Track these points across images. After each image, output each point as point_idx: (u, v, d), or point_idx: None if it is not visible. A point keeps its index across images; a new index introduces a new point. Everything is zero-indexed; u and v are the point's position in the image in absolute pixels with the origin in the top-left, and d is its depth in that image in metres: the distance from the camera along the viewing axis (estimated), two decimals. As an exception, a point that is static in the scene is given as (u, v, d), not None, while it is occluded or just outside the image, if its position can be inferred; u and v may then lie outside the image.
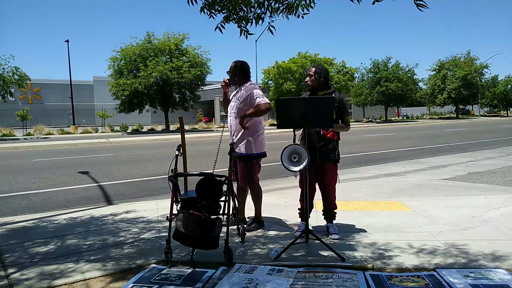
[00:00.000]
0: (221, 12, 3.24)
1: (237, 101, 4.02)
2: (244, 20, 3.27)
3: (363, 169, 8.65)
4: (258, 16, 3.27)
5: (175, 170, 3.30)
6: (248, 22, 3.30)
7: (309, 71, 3.91)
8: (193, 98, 31.47)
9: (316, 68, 3.90)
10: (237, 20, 3.29)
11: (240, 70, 4.03)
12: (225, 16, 3.26)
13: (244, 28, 3.31)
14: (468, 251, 3.32)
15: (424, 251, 3.34)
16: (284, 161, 3.27)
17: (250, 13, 3.26)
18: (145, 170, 9.15)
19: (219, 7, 3.18)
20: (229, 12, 3.22)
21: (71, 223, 4.57)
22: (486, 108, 66.53)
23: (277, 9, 3.21)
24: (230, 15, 3.25)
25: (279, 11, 3.21)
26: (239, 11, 3.23)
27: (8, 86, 26.64)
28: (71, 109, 33.10)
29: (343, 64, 39.78)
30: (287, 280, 2.77)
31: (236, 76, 4.05)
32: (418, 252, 3.33)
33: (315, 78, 3.84)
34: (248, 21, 3.29)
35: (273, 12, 3.24)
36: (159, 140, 20.04)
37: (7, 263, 3.29)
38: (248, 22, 3.30)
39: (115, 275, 3.01)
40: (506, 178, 7.23)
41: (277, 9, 3.21)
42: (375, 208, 5.05)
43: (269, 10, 3.23)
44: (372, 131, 24.78)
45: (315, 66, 3.95)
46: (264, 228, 4.14)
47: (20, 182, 7.83)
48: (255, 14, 3.27)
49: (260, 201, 4.17)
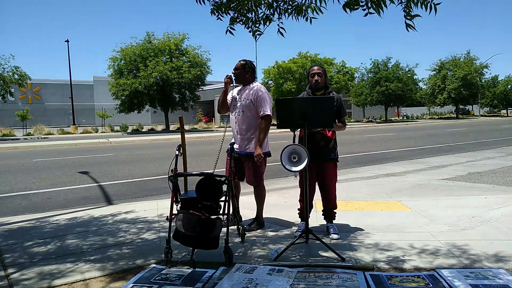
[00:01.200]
0: (228, 14, 3.23)
1: (245, 100, 3.98)
2: (251, 21, 3.26)
3: (363, 169, 8.64)
4: (267, 17, 3.26)
5: (175, 170, 3.30)
6: (256, 23, 3.28)
7: (317, 70, 3.87)
8: (193, 98, 31.47)
9: (323, 68, 3.91)
10: (244, 21, 3.28)
11: (250, 69, 4.03)
12: (231, 17, 3.26)
13: (252, 28, 3.29)
14: (468, 251, 3.31)
15: (424, 251, 3.34)
16: (284, 161, 3.27)
17: (259, 14, 3.25)
18: (145, 170, 9.15)
19: (227, 8, 3.17)
20: (237, 13, 3.22)
21: (71, 223, 4.57)
22: (486, 108, 66.53)
23: (285, 10, 3.19)
24: (238, 16, 3.25)
25: (287, 13, 3.19)
26: (246, 12, 3.22)
27: (8, 86, 26.60)
28: (71, 109, 33.10)
29: (343, 64, 39.79)
30: (287, 280, 2.77)
31: (246, 74, 4.02)
32: (418, 252, 3.33)
33: (323, 78, 3.86)
34: (256, 22, 3.28)
35: (282, 13, 3.22)
36: (159, 140, 20.04)
37: (7, 263, 3.29)
38: (256, 23, 3.28)
39: (115, 275, 3.01)
40: (506, 178, 7.23)
41: (285, 10, 3.19)
42: (375, 208, 5.05)
43: (277, 11, 3.21)
44: (372, 131, 24.77)
45: (320, 66, 3.95)
46: (264, 228, 4.14)
47: (20, 182, 7.83)
48: (264, 15, 3.26)
49: (263, 201, 4.17)
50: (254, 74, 4.08)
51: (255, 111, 3.95)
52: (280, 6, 3.20)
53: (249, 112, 3.96)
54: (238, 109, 4.02)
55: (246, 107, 3.96)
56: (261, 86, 4.03)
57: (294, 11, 3.10)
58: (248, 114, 3.96)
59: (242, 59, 4.07)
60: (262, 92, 3.97)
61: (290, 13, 3.16)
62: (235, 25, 3.31)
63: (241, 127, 4.00)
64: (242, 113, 3.98)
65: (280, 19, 3.24)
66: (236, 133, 4.06)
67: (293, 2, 3.13)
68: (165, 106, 30.66)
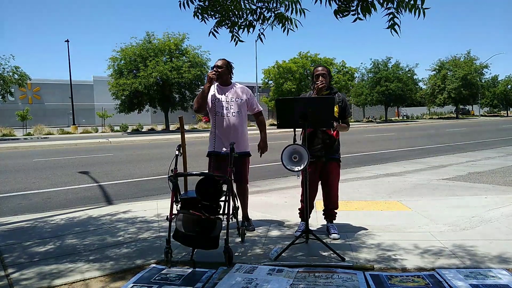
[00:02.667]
0: (214, 17, 3.24)
1: (239, 100, 3.99)
2: (236, 26, 3.27)
3: (363, 169, 8.64)
4: (250, 23, 3.28)
5: (175, 170, 3.30)
6: (240, 28, 3.30)
7: (321, 71, 3.83)
8: (193, 98, 31.43)
9: (327, 68, 3.91)
10: (229, 26, 3.29)
11: (231, 68, 4.08)
12: (217, 21, 3.26)
13: (236, 34, 3.30)
14: (468, 251, 3.31)
15: (424, 251, 3.33)
16: (285, 161, 3.27)
17: (242, 19, 3.26)
18: (145, 170, 9.15)
19: (212, 11, 3.17)
20: (222, 17, 3.22)
21: (71, 223, 4.57)
22: (486, 108, 66.54)
23: (268, 18, 3.22)
24: (223, 20, 3.25)
25: (269, 21, 3.21)
26: (231, 16, 3.23)
27: (8, 86, 26.61)
28: (71, 109, 33.09)
29: (343, 64, 39.81)
30: (287, 280, 2.77)
31: (229, 73, 4.06)
32: (418, 252, 3.33)
33: (328, 79, 3.85)
34: (240, 27, 3.29)
35: (265, 21, 3.25)
36: (159, 140, 20.05)
37: (7, 263, 3.29)
38: (240, 28, 3.30)
39: (115, 275, 3.01)
40: (506, 178, 7.23)
41: (268, 18, 3.22)
42: (375, 208, 5.05)
43: (260, 18, 3.23)
44: (372, 131, 24.77)
45: (324, 66, 3.93)
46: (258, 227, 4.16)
47: (20, 182, 7.83)
48: (247, 22, 3.28)
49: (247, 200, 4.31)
50: (232, 75, 4.15)
51: (246, 110, 4.10)
52: (263, 13, 3.22)
53: (243, 112, 4.03)
54: (230, 109, 3.95)
55: (241, 107, 4.00)
56: (244, 86, 4.16)
57: (276, 19, 3.13)
58: (242, 114, 4.03)
59: (222, 58, 4.05)
60: (250, 91, 4.16)
61: (272, 22, 3.19)
62: (220, 28, 3.31)
63: (236, 127, 3.96)
64: (237, 114, 3.96)
65: (262, 25, 3.27)
66: (228, 133, 3.96)
67: (275, 10, 3.14)
68: (165, 106, 30.67)
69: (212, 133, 4.08)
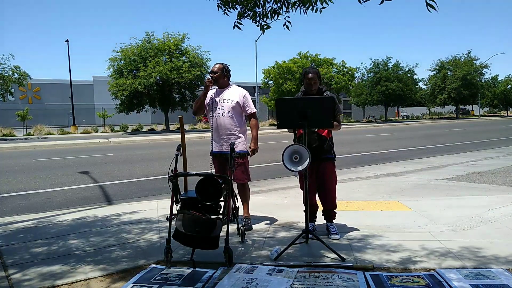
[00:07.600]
0: (235, 8, 3.24)
1: (230, 102, 4.11)
2: (259, 15, 3.27)
3: (363, 169, 8.65)
4: (274, 11, 3.26)
5: (175, 170, 3.30)
6: (264, 17, 3.30)
7: (312, 74, 3.82)
8: (193, 98, 31.41)
9: (318, 72, 3.89)
10: (251, 16, 3.29)
11: (227, 72, 4.21)
12: (239, 12, 3.27)
13: (263, 22, 3.31)
14: (469, 251, 3.31)
15: (424, 251, 3.33)
16: (285, 161, 3.27)
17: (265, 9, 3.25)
18: (145, 170, 9.15)
19: (234, 2, 3.17)
20: (244, 7, 3.22)
21: (71, 223, 4.57)
22: (486, 108, 66.56)
23: (293, 4, 3.18)
24: (245, 11, 3.26)
25: (296, 6, 3.17)
26: (253, 6, 3.23)
27: (8, 86, 26.58)
28: (71, 109, 33.08)
29: (343, 64, 39.80)
30: (287, 280, 2.77)
31: (225, 77, 4.19)
32: (418, 252, 3.33)
33: (318, 82, 3.86)
34: (264, 16, 3.29)
35: (289, 7, 3.22)
36: (159, 140, 20.05)
37: (8, 263, 3.29)
38: (263, 17, 3.30)
39: (115, 275, 3.01)
40: (506, 178, 7.23)
41: (293, 4, 3.18)
42: (375, 208, 5.05)
43: (285, 4, 3.21)
44: (372, 131, 24.77)
45: (315, 70, 3.88)
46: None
47: (20, 182, 7.83)
48: (271, 9, 3.26)
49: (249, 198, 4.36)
50: (229, 77, 4.27)
51: (240, 111, 4.16)
52: (287, 0, 3.20)
53: (233, 113, 4.12)
54: (220, 110, 4.12)
55: (232, 108, 4.11)
56: (241, 88, 4.25)
57: (302, 4, 3.10)
58: (232, 115, 4.11)
59: (218, 62, 4.23)
60: (246, 92, 4.25)
61: (298, 6, 3.16)
62: (242, 19, 3.32)
63: (226, 127, 4.11)
64: (227, 114, 4.10)
65: (287, 12, 3.25)
66: (220, 133, 4.14)
67: None
68: (165, 106, 30.66)
69: (210, 133, 4.29)
